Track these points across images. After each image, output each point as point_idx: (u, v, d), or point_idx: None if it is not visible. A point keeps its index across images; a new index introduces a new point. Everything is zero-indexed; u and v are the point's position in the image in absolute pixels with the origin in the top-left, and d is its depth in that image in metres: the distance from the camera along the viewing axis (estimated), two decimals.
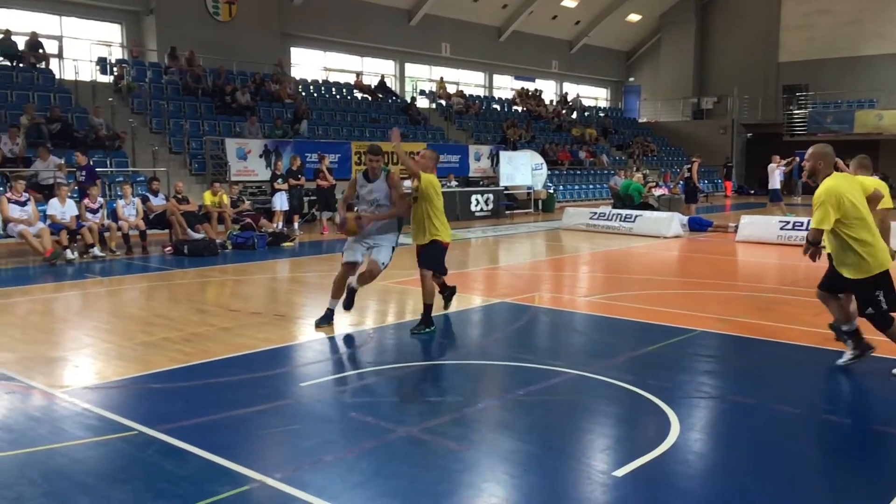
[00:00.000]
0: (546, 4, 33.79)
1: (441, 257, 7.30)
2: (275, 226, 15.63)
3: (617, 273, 11.85)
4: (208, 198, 14.78)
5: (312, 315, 7.63)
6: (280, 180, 16.41)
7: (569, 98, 37.79)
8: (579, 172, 29.81)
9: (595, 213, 18.20)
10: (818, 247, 5.64)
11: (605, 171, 29.91)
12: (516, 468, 4.13)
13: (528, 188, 24.60)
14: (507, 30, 34.28)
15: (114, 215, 13.28)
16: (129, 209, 13.37)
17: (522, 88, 35.27)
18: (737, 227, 16.27)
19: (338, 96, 26.53)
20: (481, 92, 34.83)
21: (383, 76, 29.19)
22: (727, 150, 35.27)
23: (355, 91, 27.26)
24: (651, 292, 9.68)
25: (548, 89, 38.12)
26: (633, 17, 38.93)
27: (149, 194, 14.13)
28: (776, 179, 19.92)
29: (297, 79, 25.90)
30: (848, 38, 33.80)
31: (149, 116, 19.87)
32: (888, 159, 29.51)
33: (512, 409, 5.15)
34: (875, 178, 6.66)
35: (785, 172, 20.43)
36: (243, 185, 17.84)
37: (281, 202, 16.27)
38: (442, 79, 31.46)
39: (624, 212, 17.82)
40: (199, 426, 4.66)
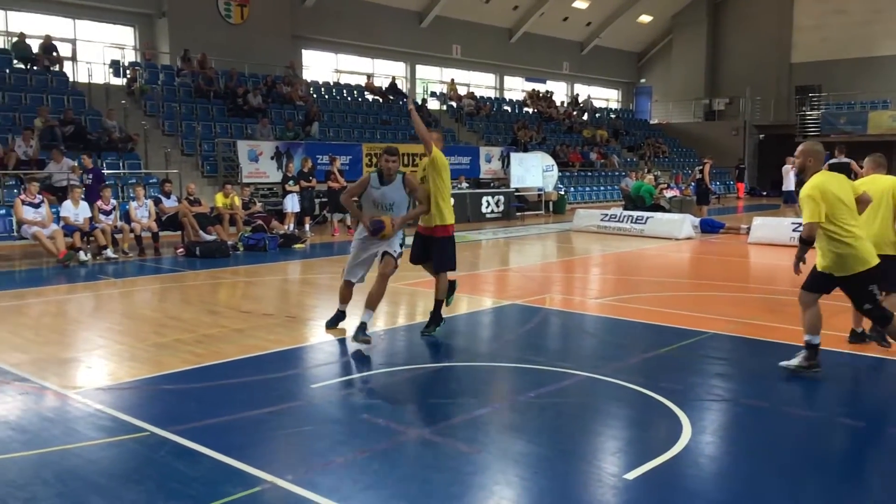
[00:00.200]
0: (557, 6, 33.75)
1: (453, 251, 7.17)
2: (286, 227, 15.68)
3: (628, 275, 11.81)
4: (220, 200, 14.85)
5: (324, 317, 7.64)
6: (291, 182, 16.46)
7: (580, 99, 37.72)
8: (590, 174, 29.74)
9: (606, 214, 18.15)
10: (812, 246, 5.57)
11: (617, 173, 29.82)
12: (527, 471, 4.13)
13: (539, 190, 24.57)
14: (517, 31, 34.26)
15: (126, 217, 13.36)
16: (142, 211, 13.45)
17: (533, 90, 35.23)
18: (749, 228, 16.19)
19: (349, 98, 26.58)
20: (492, 93, 34.81)
21: (394, 78, 29.24)
22: (739, 151, 35.10)
23: (366, 93, 27.32)
24: (662, 294, 9.65)
25: (559, 91, 38.06)
26: (645, 19, 38.82)
27: (161, 196, 14.21)
28: (791, 181, 19.79)
29: (309, 81, 25.99)
30: (862, 39, 33.57)
31: (161, 119, 19.98)
32: None
33: (523, 412, 5.14)
34: (893, 178, 6.61)
35: (796, 174, 20.29)
36: (255, 186, 17.91)
37: (292, 204, 16.32)
38: (453, 80, 31.47)
39: (635, 213, 17.77)
40: (211, 427, 4.68)
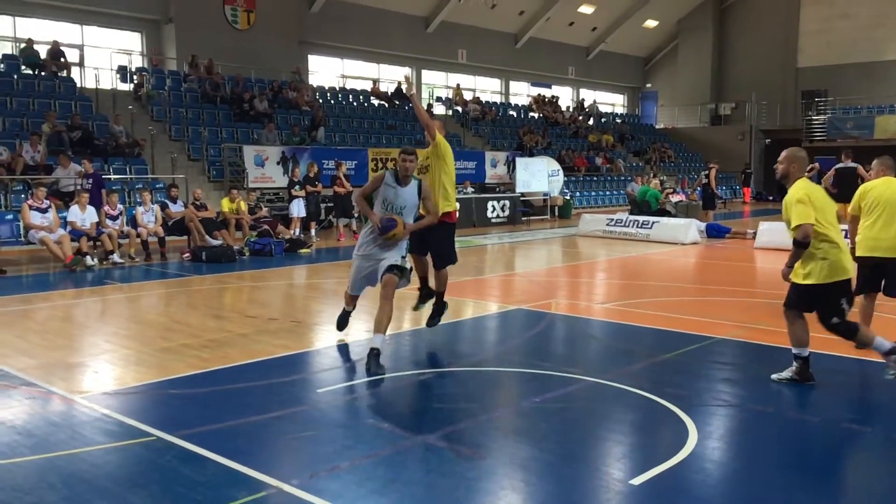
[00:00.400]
0: (563, 11, 33.78)
1: (452, 243, 7.04)
2: (292, 232, 15.71)
3: (634, 280, 11.79)
4: (226, 204, 14.88)
5: (329, 321, 7.65)
6: (297, 187, 16.49)
7: (585, 104, 37.71)
8: (596, 179, 29.72)
9: (612, 219, 18.13)
10: (807, 247, 5.51)
11: (622, 178, 29.79)
12: (533, 476, 4.12)
13: (545, 195, 24.56)
14: (523, 36, 34.29)
15: (133, 222, 13.41)
16: (148, 216, 13.49)
17: (539, 95, 35.25)
18: (755, 233, 16.15)
19: (354, 103, 26.64)
20: (498, 98, 34.85)
21: (400, 83, 29.30)
22: (745, 156, 35.04)
23: (372, 98, 27.37)
24: (668, 299, 9.62)
25: (564, 96, 38.07)
26: (651, 23, 38.82)
27: (167, 201, 14.25)
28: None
29: (315, 86, 26.06)
30: (868, 43, 33.48)
31: (168, 124, 20.06)
32: None
33: (528, 417, 5.13)
34: None
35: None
36: (261, 191, 17.95)
37: (298, 209, 16.35)
38: (458, 85, 31.52)
39: (641, 218, 17.73)
40: (216, 432, 4.68)
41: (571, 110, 36.17)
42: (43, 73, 19.41)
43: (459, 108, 29.98)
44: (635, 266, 13.35)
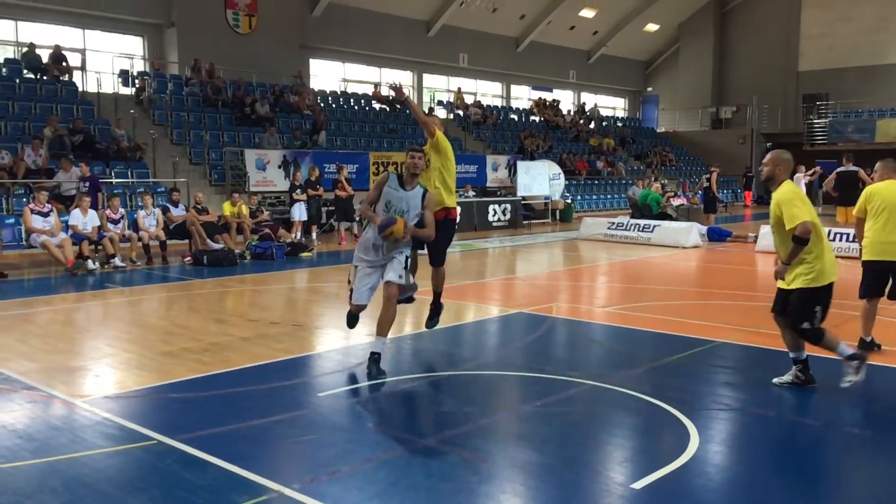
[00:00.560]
0: (564, 15, 33.81)
1: (451, 240, 6.89)
2: (293, 236, 15.72)
3: (635, 283, 11.78)
4: (227, 208, 14.90)
5: (330, 325, 7.65)
6: (298, 191, 16.50)
7: (586, 108, 37.74)
8: (597, 182, 29.73)
9: (613, 223, 18.13)
10: (807, 244, 5.42)
11: (623, 182, 29.80)
12: (534, 480, 4.11)
13: (546, 198, 24.56)
14: (524, 40, 34.34)
15: (135, 226, 13.42)
16: (150, 220, 13.51)
17: (540, 98, 35.28)
18: (756, 237, 16.14)
19: (356, 107, 26.68)
20: (499, 102, 34.88)
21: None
22: (746, 159, 35.03)
23: (373, 102, 27.40)
24: (670, 303, 9.62)
25: (565, 99, 38.10)
26: (651, 27, 38.85)
27: (169, 205, 14.27)
28: (802, 190, 19.69)
29: (316, 90, 26.09)
30: (869, 47, 33.49)
31: (170, 128, 20.09)
32: None
33: (529, 421, 5.13)
34: None
35: (806, 184, 20.23)
36: (262, 195, 17.97)
37: (299, 213, 16.36)
38: (459, 89, 31.55)
39: (642, 222, 17.74)
40: (217, 436, 4.68)
41: (572, 114, 36.20)
42: (45, 78, 19.45)
43: (461, 112, 30.01)
44: (636, 269, 13.34)
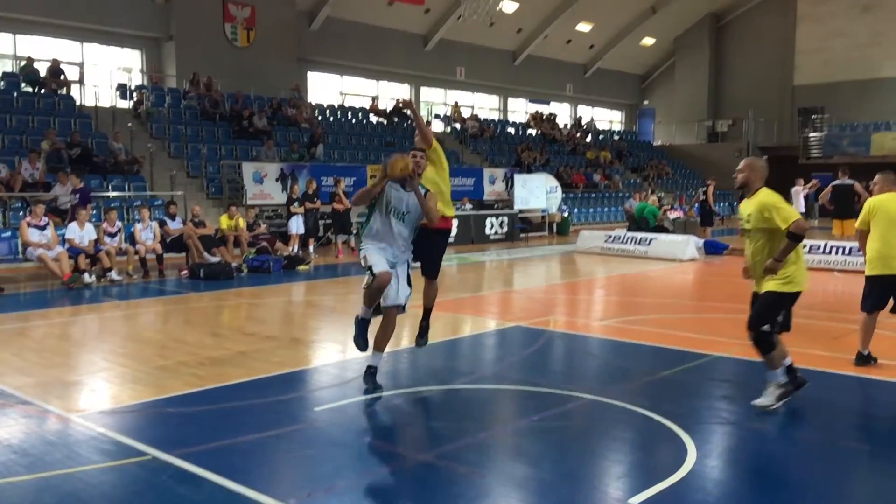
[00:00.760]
0: (560, 29, 33.99)
1: (444, 251, 6.68)
2: (290, 249, 15.71)
3: (632, 297, 11.79)
4: (224, 221, 14.89)
5: (327, 339, 7.64)
6: (296, 204, 16.51)
7: (583, 121, 37.87)
8: (594, 195, 29.78)
9: (610, 236, 18.15)
10: (801, 240, 5.39)
11: (620, 194, 29.86)
12: (531, 495, 4.10)
13: (543, 211, 24.60)
14: (521, 54, 34.49)
15: (131, 239, 13.41)
16: (147, 233, 13.49)
17: (537, 112, 35.40)
18: None
19: (353, 120, 26.74)
20: (496, 115, 34.98)
21: (397, 101, 29.43)
22: None
23: (371, 115, 27.48)
24: (667, 316, 9.62)
25: (562, 113, 38.24)
26: (648, 41, 39.07)
27: (166, 218, 14.26)
28: (801, 203, 19.78)
29: (314, 103, 26.16)
30: (864, 61, 33.67)
31: (167, 141, 20.11)
32: None
33: (526, 435, 5.11)
34: None
35: (804, 197, 20.31)
36: (259, 208, 17.97)
37: (297, 226, 16.36)
38: (457, 103, 31.65)
39: (639, 235, 17.76)
40: (213, 451, 4.66)
41: (569, 127, 36.32)
42: (43, 91, 19.48)
43: (458, 125, 30.10)
44: (633, 283, 13.35)
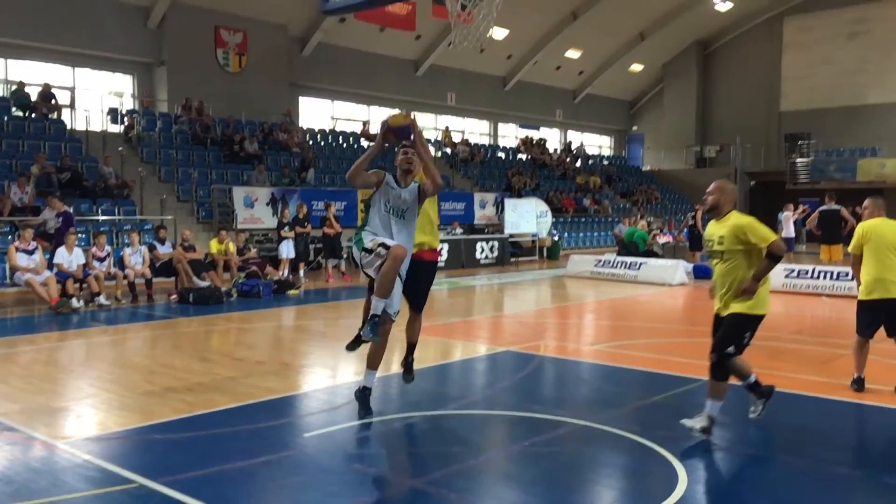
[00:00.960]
0: (550, 55, 34.34)
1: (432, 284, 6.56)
2: (280, 273, 15.67)
3: (623, 321, 11.80)
4: (214, 246, 14.86)
5: (317, 364, 7.60)
6: (287, 228, 16.50)
7: (573, 146, 38.14)
8: (584, 220, 29.91)
9: (600, 260, 18.21)
10: (780, 260, 5.40)
11: (610, 219, 30.00)
12: None
13: (533, 235, 24.67)
14: (511, 79, 34.80)
15: (120, 263, 13.35)
16: (136, 257, 13.44)
17: (527, 137, 35.64)
18: None
19: (344, 145, 26.82)
20: (486, 140, 35.19)
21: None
22: None
23: (362, 139, 27.57)
24: (657, 341, 9.62)
25: (552, 138, 38.50)
26: (636, 68, 39.49)
27: (156, 242, 14.21)
28: (791, 228, 19.92)
29: (305, 128, 26.25)
30: (850, 88, 34.12)
31: (158, 165, 20.10)
32: (891, 208, 29.51)
33: (517, 461, 5.08)
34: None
35: (794, 222, 20.44)
36: (250, 232, 17.94)
37: (287, 250, 16.34)
38: (447, 128, 31.83)
39: (629, 259, 17.82)
40: (200, 478, 4.61)
41: (559, 152, 36.55)
42: (33, 115, 19.48)
43: (448, 150, 30.24)
44: (624, 307, 13.37)
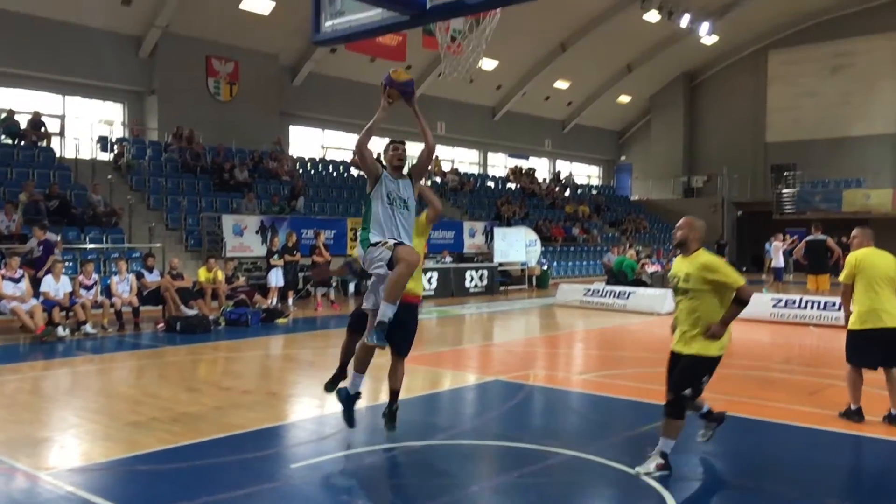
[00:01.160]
0: (539, 86, 34.70)
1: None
2: (269, 302, 15.60)
3: (612, 350, 11.80)
4: (203, 274, 14.79)
5: (305, 393, 7.54)
6: (276, 256, 16.47)
7: (562, 176, 38.41)
8: (573, 249, 30.03)
9: (589, 289, 18.24)
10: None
11: (599, 248, 30.12)
12: None
13: (523, 264, 24.72)
14: (501, 110, 35.10)
15: (108, 291, 13.26)
16: (123, 285, 13.36)
17: (516, 166, 35.88)
18: None
19: (334, 174, 26.91)
20: (476, 169, 35.39)
21: (380, 154, 29.51)
22: (719, 227, 35.58)
23: (352, 168, 27.66)
24: (646, 370, 9.61)
25: (541, 167, 38.75)
26: (624, 99, 39.97)
27: (144, 270, 14.14)
28: (780, 258, 20.07)
29: (295, 156, 26.32)
30: (835, 120, 34.62)
31: (147, 193, 20.07)
32: (878, 238, 29.77)
33: (506, 492, 5.04)
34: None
35: (784, 252, 20.59)
36: (238, 260, 17.90)
37: (276, 278, 16.29)
38: (437, 157, 31.98)
39: (618, 288, 17.86)
40: None
41: (548, 181, 36.79)
42: (23, 143, 19.45)
43: (438, 179, 30.38)
44: (613, 336, 13.37)
